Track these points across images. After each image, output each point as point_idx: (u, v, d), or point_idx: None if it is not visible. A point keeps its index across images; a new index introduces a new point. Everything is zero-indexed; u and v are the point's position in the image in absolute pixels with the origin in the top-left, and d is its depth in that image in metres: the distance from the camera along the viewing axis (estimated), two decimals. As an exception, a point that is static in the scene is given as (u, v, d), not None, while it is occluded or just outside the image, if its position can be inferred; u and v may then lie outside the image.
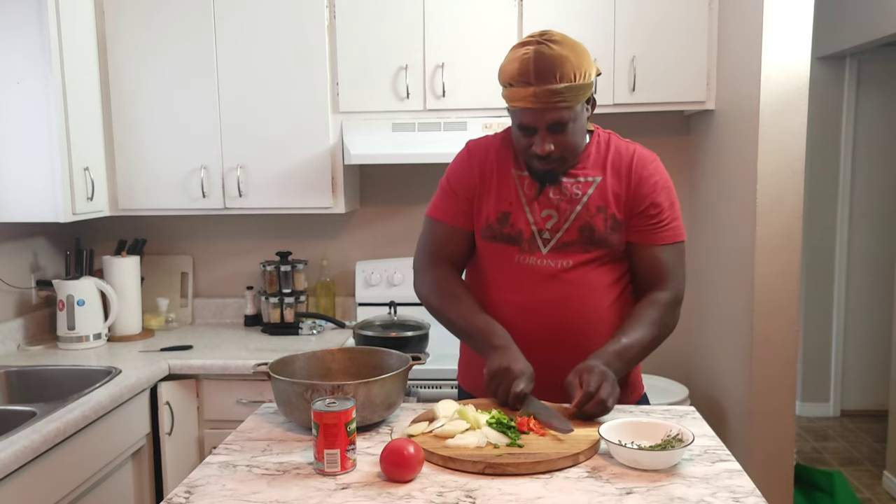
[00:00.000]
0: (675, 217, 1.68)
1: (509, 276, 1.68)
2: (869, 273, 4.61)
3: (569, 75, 1.53)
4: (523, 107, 1.56)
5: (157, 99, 2.77)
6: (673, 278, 1.68)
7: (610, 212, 1.64)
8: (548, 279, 1.65)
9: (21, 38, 2.44)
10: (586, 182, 1.66)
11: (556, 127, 1.57)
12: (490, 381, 1.56)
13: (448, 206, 1.74)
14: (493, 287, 1.71)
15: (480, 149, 1.76)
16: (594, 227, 1.64)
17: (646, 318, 1.64)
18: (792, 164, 2.44)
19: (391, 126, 2.69)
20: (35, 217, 2.54)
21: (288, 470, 1.35)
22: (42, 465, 1.83)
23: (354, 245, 3.15)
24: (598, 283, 1.66)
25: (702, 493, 1.23)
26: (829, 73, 4.46)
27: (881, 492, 3.61)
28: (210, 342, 2.80)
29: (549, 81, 1.53)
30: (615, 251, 1.66)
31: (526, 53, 1.55)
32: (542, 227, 1.66)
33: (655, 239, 1.66)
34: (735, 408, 2.67)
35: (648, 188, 1.65)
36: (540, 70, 1.53)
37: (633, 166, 1.66)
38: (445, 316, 1.72)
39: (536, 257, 1.66)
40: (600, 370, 1.49)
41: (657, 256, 1.67)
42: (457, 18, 2.68)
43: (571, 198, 1.65)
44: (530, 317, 1.66)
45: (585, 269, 1.65)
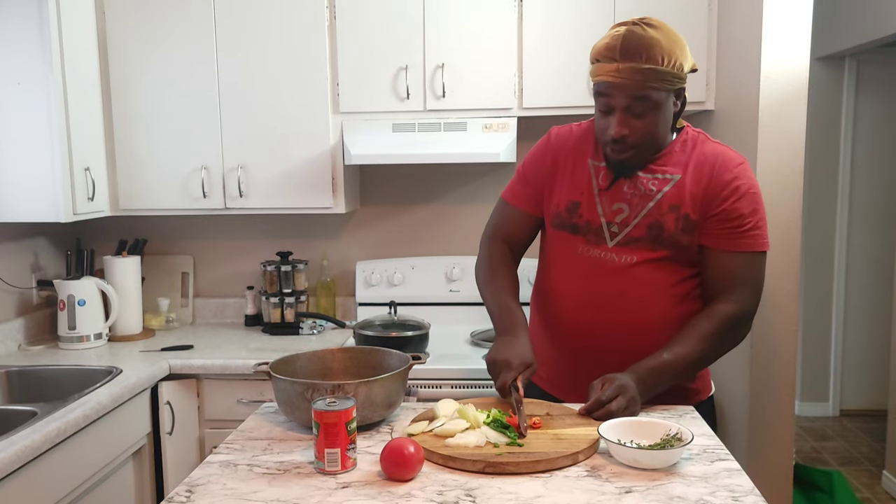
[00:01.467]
0: (756, 226, 1.60)
1: (572, 266, 1.67)
2: (868, 273, 4.61)
3: (656, 58, 1.52)
4: (604, 80, 1.55)
5: (158, 99, 2.77)
6: (740, 290, 1.61)
7: (683, 212, 1.60)
8: (609, 273, 1.63)
9: (21, 38, 2.44)
10: (664, 179, 1.62)
11: (634, 108, 1.54)
12: (491, 366, 1.62)
13: (518, 189, 1.79)
14: (555, 275, 1.71)
15: (561, 136, 1.76)
16: (663, 226, 1.60)
17: (697, 332, 1.59)
18: (791, 164, 2.44)
19: (391, 126, 2.69)
20: (36, 217, 2.55)
21: (289, 469, 1.36)
22: (43, 464, 1.83)
23: (354, 245, 3.16)
24: (661, 283, 1.62)
25: (701, 493, 1.23)
26: (829, 73, 4.46)
27: (880, 491, 3.61)
28: (211, 342, 2.80)
29: (634, 60, 1.51)
30: (684, 253, 1.62)
31: (618, 31, 1.55)
32: (611, 219, 1.64)
33: (728, 245, 1.60)
34: (734, 407, 2.68)
35: (728, 191, 1.59)
36: (627, 47, 1.52)
37: (715, 167, 1.61)
38: (481, 290, 1.80)
39: (601, 250, 1.64)
40: (621, 384, 1.50)
41: (727, 264, 1.60)
42: (457, 18, 2.68)
43: (646, 193, 1.62)
44: (587, 309, 1.65)
45: (649, 267, 1.62)
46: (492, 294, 1.75)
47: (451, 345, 2.71)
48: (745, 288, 1.62)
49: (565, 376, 1.73)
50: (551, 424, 1.48)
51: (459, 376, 2.42)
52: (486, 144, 2.61)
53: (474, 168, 3.07)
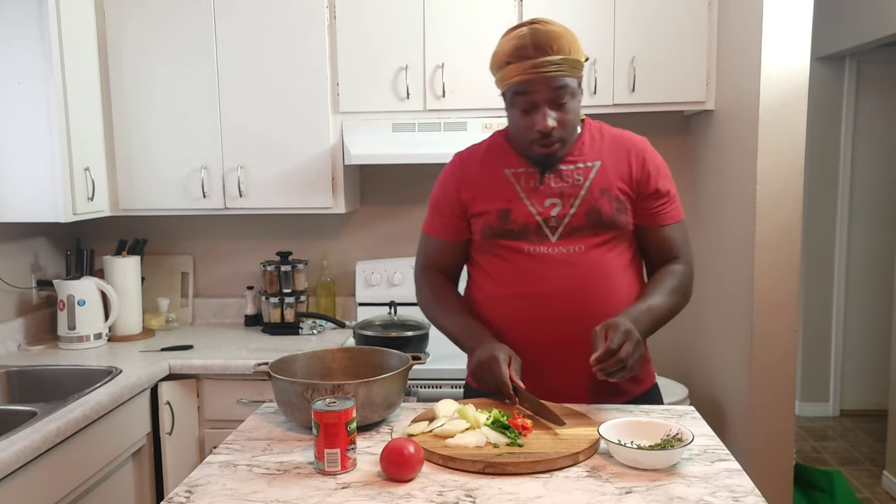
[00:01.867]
0: (676, 196, 1.74)
1: (520, 269, 1.68)
2: (868, 272, 4.61)
3: (565, 49, 1.58)
4: (522, 79, 1.58)
5: (158, 99, 2.77)
6: (684, 252, 1.74)
7: (613, 194, 1.66)
8: (561, 266, 1.65)
9: (21, 37, 2.45)
10: (586, 167, 1.68)
11: (556, 100, 1.59)
12: (477, 369, 1.61)
13: (433, 220, 1.83)
14: (503, 283, 1.70)
15: (463, 160, 1.80)
16: (601, 210, 1.65)
17: (666, 284, 1.68)
18: (791, 164, 2.44)
19: (391, 126, 2.69)
20: (36, 217, 2.54)
21: (288, 469, 1.35)
22: (42, 464, 1.83)
23: (354, 245, 3.16)
24: (613, 266, 1.67)
25: (701, 493, 1.23)
26: (829, 73, 4.46)
27: (880, 491, 3.61)
28: (210, 342, 2.80)
29: (546, 53, 1.57)
30: (624, 232, 1.69)
31: (521, 32, 1.60)
32: (547, 215, 1.66)
33: (664, 219, 1.71)
34: (734, 407, 2.68)
35: (653, 171, 1.69)
36: (537, 42, 1.57)
37: (634, 151, 1.70)
38: (433, 320, 1.83)
39: (546, 246, 1.66)
40: (626, 328, 1.49)
41: (667, 235, 1.72)
42: (457, 18, 2.68)
43: (574, 183, 1.67)
44: (546, 305, 1.65)
45: (598, 251, 1.66)
46: (445, 318, 1.77)
47: (451, 345, 2.69)
48: (687, 250, 1.75)
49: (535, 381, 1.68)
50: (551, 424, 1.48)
51: (459, 376, 2.41)
52: (486, 144, 2.61)
53: (474, 168, 3.06)
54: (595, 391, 1.67)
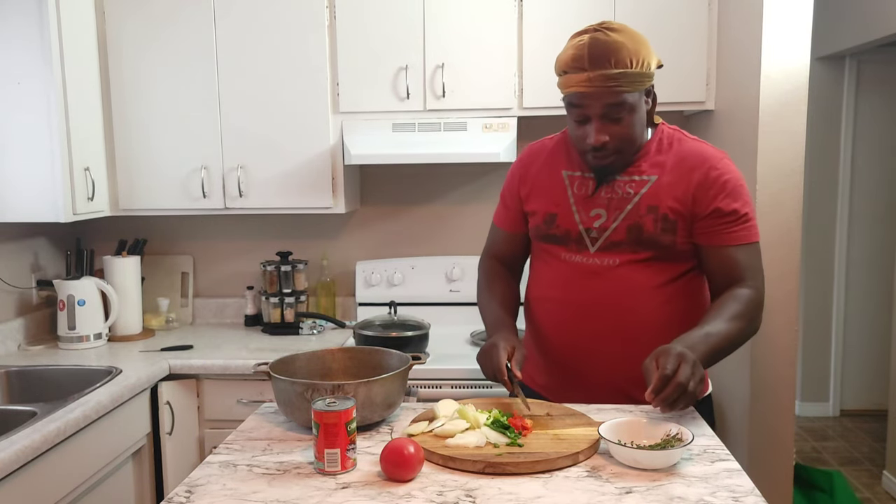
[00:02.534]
0: (749, 217, 1.62)
1: (557, 273, 1.69)
2: (868, 273, 4.61)
3: (624, 61, 1.52)
4: (576, 91, 1.54)
5: (158, 99, 2.77)
6: (752, 277, 1.61)
7: (662, 212, 1.60)
8: (592, 277, 1.64)
9: (21, 38, 2.44)
10: (640, 181, 1.63)
11: (610, 114, 1.55)
12: (480, 356, 1.64)
13: (501, 211, 1.86)
14: (542, 284, 1.74)
15: (532, 153, 1.79)
16: (643, 227, 1.60)
17: (727, 310, 1.56)
18: (791, 164, 2.44)
19: (391, 126, 2.69)
20: (36, 217, 2.54)
21: (288, 469, 1.35)
22: (42, 464, 1.83)
23: (354, 245, 3.16)
24: (646, 284, 1.62)
25: (701, 493, 1.23)
26: (829, 73, 4.46)
27: (880, 491, 3.61)
28: (210, 342, 2.80)
29: (603, 66, 1.51)
30: (667, 252, 1.62)
31: (581, 40, 1.54)
32: (589, 226, 1.65)
33: (727, 239, 1.60)
34: (735, 408, 2.67)
35: (716, 189, 1.59)
36: (594, 55, 1.51)
37: (699, 167, 1.61)
38: (480, 307, 1.84)
39: (583, 256, 1.66)
40: (678, 352, 1.39)
41: (731, 257, 1.60)
42: (457, 18, 2.68)
43: (623, 197, 1.63)
44: (573, 314, 1.66)
45: (632, 268, 1.62)
46: (485, 306, 1.81)
47: (451, 345, 2.71)
48: (756, 274, 1.62)
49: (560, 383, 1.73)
50: (551, 425, 1.48)
51: (459, 376, 2.42)
52: (486, 144, 2.61)
53: (474, 168, 3.07)
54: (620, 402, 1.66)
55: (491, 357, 1.59)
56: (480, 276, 1.89)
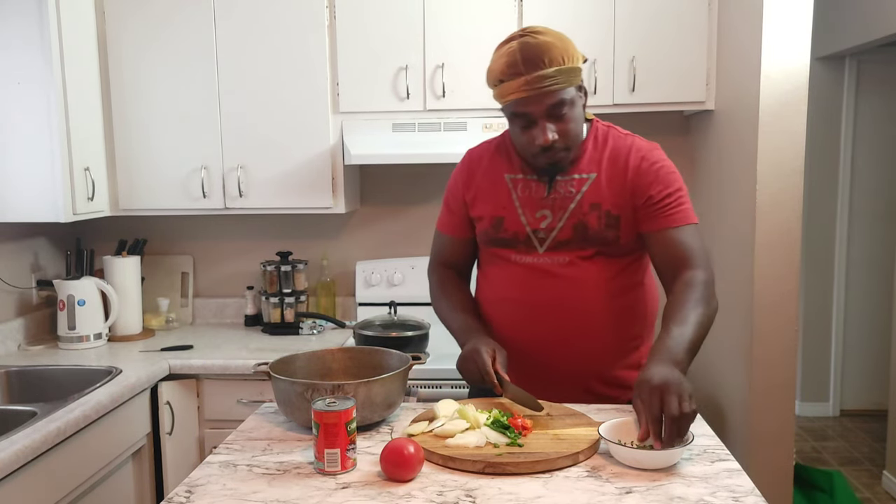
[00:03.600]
0: (684, 199, 1.64)
1: (509, 275, 1.70)
2: (868, 272, 4.61)
3: (557, 59, 1.55)
4: (517, 97, 1.57)
5: (158, 99, 2.77)
6: (698, 256, 1.61)
7: (605, 209, 1.64)
8: (545, 277, 1.66)
9: (21, 38, 2.44)
10: (581, 179, 1.66)
11: (554, 112, 1.57)
12: (461, 363, 1.63)
13: (445, 218, 1.86)
14: (495, 286, 1.74)
15: (473, 159, 1.81)
16: (588, 225, 1.64)
17: (687, 300, 1.53)
18: (791, 164, 2.44)
19: (391, 126, 2.69)
20: (36, 217, 2.54)
21: (288, 469, 1.35)
22: (42, 464, 1.83)
23: (354, 245, 3.16)
24: (596, 280, 1.65)
25: (701, 493, 1.23)
26: (829, 73, 4.46)
27: (880, 491, 3.61)
28: (210, 342, 2.80)
29: (538, 67, 1.54)
30: (612, 247, 1.65)
31: (511, 47, 1.58)
32: (536, 227, 1.67)
33: (668, 222, 1.62)
34: (735, 407, 2.68)
35: (651, 177, 1.63)
36: (528, 58, 1.54)
37: (632, 159, 1.65)
38: (440, 317, 1.84)
39: (533, 256, 1.68)
40: (655, 384, 1.33)
41: (675, 238, 1.61)
42: (457, 18, 2.68)
43: (566, 196, 1.66)
44: (529, 314, 1.67)
45: (582, 265, 1.65)
46: (448, 314, 1.80)
47: (451, 345, 2.67)
48: (702, 254, 1.62)
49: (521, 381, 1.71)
50: (551, 425, 1.48)
51: (459, 376, 2.40)
52: (486, 144, 2.61)
53: (474, 168, 3.06)
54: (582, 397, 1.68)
55: (475, 361, 1.59)
56: (433, 285, 1.87)
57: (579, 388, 1.69)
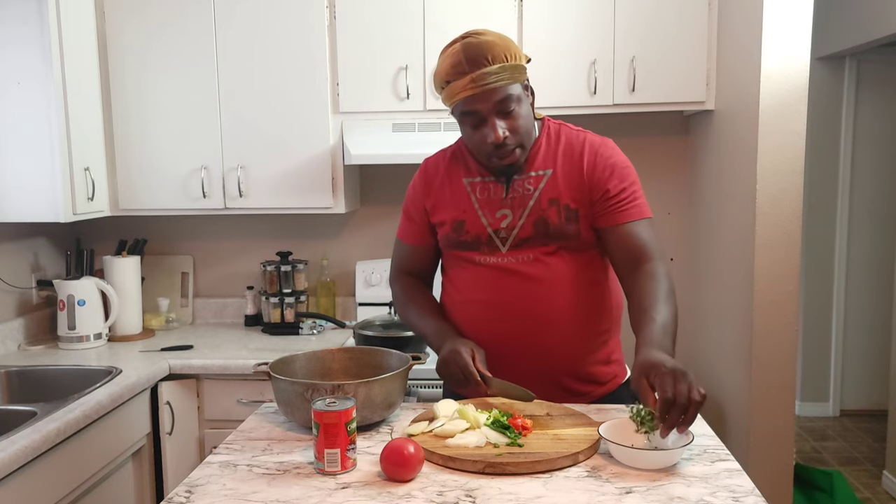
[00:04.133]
0: (639, 195, 1.66)
1: (474, 276, 1.71)
2: (868, 273, 4.61)
3: (500, 56, 1.56)
4: (464, 96, 1.58)
5: (158, 99, 2.77)
6: (655, 251, 1.63)
7: (563, 203, 1.65)
8: (509, 275, 1.67)
9: (21, 38, 2.45)
10: (537, 176, 1.67)
11: (502, 108, 1.58)
12: (442, 366, 1.63)
13: (406, 227, 1.86)
14: (460, 289, 1.75)
15: (430, 166, 1.82)
16: (548, 221, 1.65)
17: (658, 292, 1.55)
18: (791, 164, 2.44)
19: (391, 126, 2.69)
20: (36, 217, 2.55)
21: (288, 469, 1.35)
22: (42, 464, 1.83)
23: (354, 245, 3.16)
24: (561, 274, 1.66)
25: (701, 493, 1.23)
26: (829, 73, 4.46)
27: (881, 491, 3.61)
28: (210, 342, 2.80)
29: (482, 65, 1.56)
30: (573, 242, 1.66)
31: (454, 48, 1.60)
32: (497, 227, 1.68)
33: (623, 217, 1.63)
34: (735, 407, 2.68)
35: (606, 172, 1.65)
36: (471, 57, 1.56)
37: (586, 154, 1.67)
38: (409, 324, 1.84)
39: (497, 257, 1.69)
40: (668, 368, 1.32)
41: (631, 233, 1.63)
42: (457, 18, 2.68)
43: (524, 194, 1.67)
44: (496, 313, 1.68)
45: (547, 261, 1.66)
46: (417, 320, 1.80)
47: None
48: (658, 248, 1.64)
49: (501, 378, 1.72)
50: (551, 425, 1.48)
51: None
52: (486, 144, 2.61)
53: (474, 168, 3.06)
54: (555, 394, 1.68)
55: (456, 363, 1.59)
56: (398, 293, 1.87)
57: (551, 384, 1.69)
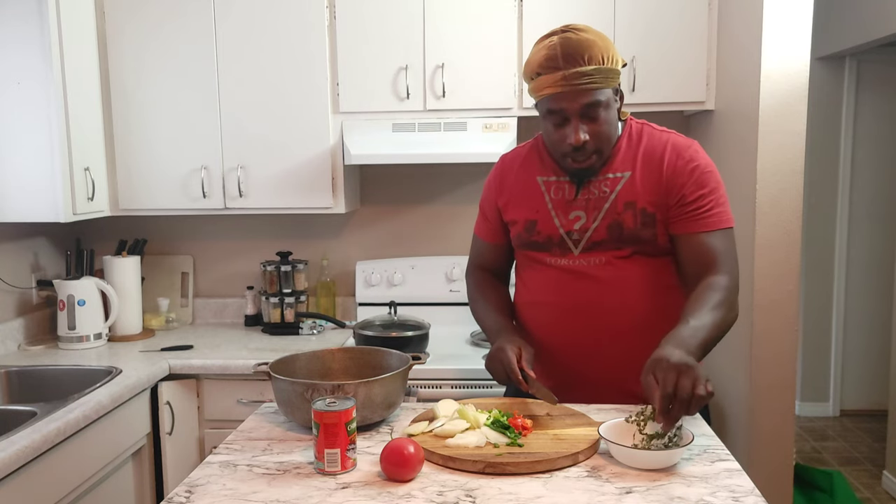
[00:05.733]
0: (720, 202, 1.61)
1: (545, 278, 1.70)
2: (868, 273, 4.61)
3: (597, 58, 1.53)
4: (553, 92, 1.55)
5: (158, 99, 2.77)
6: (726, 264, 1.58)
7: (640, 207, 1.61)
8: (581, 278, 1.65)
9: (21, 38, 2.44)
10: (615, 178, 1.64)
11: (589, 112, 1.55)
12: (489, 361, 1.63)
13: (481, 223, 1.86)
14: (532, 289, 1.74)
15: (506, 163, 1.80)
16: (623, 225, 1.61)
17: (708, 300, 1.51)
18: (791, 164, 2.44)
19: (391, 126, 2.69)
20: (36, 217, 2.54)
21: (288, 469, 1.35)
22: (42, 464, 1.83)
23: (354, 245, 3.16)
24: (633, 279, 1.63)
25: (701, 493, 1.23)
26: (829, 73, 4.46)
27: (880, 491, 3.61)
28: (210, 342, 2.80)
29: (577, 64, 1.52)
30: (648, 246, 1.62)
31: (552, 41, 1.55)
32: (570, 228, 1.65)
33: (699, 226, 1.59)
34: (735, 408, 2.68)
35: (685, 177, 1.59)
36: (568, 53, 1.52)
37: (667, 157, 1.61)
38: (476, 318, 1.84)
39: (569, 259, 1.66)
40: (674, 361, 1.33)
41: (703, 243, 1.58)
42: (457, 18, 2.68)
43: (600, 196, 1.63)
44: (566, 316, 1.66)
45: (618, 265, 1.63)
46: (483, 315, 1.80)
47: (451, 345, 2.71)
48: (729, 261, 1.60)
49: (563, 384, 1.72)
50: (551, 425, 1.48)
51: (459, 376, 2.42)
52: (487, 144, 2.61)
53: (474, 168, 3.06)
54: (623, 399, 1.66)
55: (501, 360, 1.58)
56: (471, 287, 1.89)
57: (616, 390, 1.67)
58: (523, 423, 1.44)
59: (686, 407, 1.30)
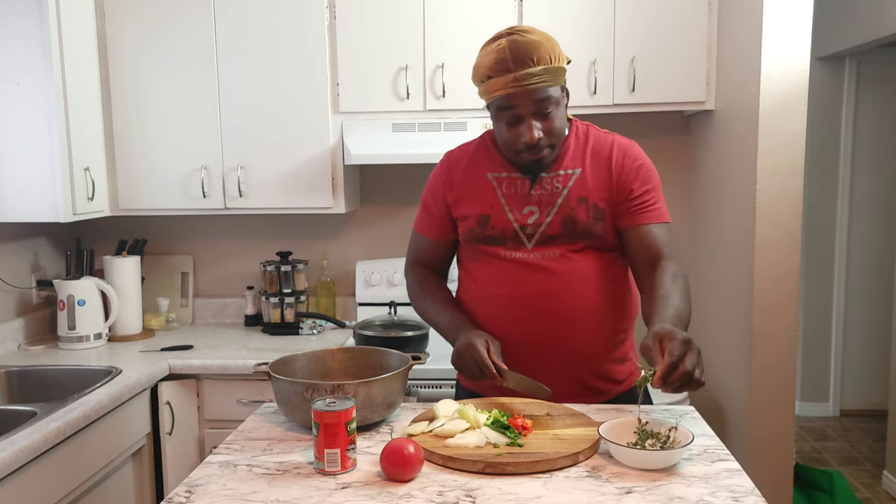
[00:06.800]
0: (660, 199, 1.70)
1: (498, 271, 1.71)
2: (868, 273, 4.61)
3: (545, 58, 1.57)
4: (505, 93, 1.58)
5: (158, 99, 2.77)
6: (673, 252, 1.66)
7: (592, 202, 1.66)
8: (535, 271, 1.67)
9: (21, 38, 2.45)
10: (566, 175, 1.68)
11: (540, 111, 1.59)
12: (456, 358, 1.64)
13: (424, 219, 1.87)
14: (484, 283, 1.74)
15: (453, 160, 1.82)
16: (576, 219, 1.66)
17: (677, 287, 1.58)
18: (791, 164, 2.44)
19: (391, 126, 2.69)
20: (36, 217, 2.54)
21: (288, 469, 1.35)
22: (42, 464, 1.83)
23: (354, 245, 3.16)
24: (586, 272, 1.67)
25: (701, 493, 1.23)
26: (829, 73, 4.46)
27: (880, 491, 3.61)
28: (210, 342, 2.80)
29: (527, 65, 1.56)
30: (600, 241, 1.67)
31: (500, 44, 1.59)
32: (523, 223, 1.68)
33: (645, 219, 1.67)
34: (734, 407, 2.68)
35: (633, 174, 1.67)
36: (517, 55, 1.56)
37: (615, 155, 1.69)
38: (424, 316, 1.86)
39: (522, 252, 1.69)
40: (684, 338, 1.35)
41: (651, 233, 1.66)
42: (457, 18, 2.68)
43: (552, 192, 1.67)
44: (521, 309, 1.68)
45: (573, 258, 1.67)
46: (433, 312, 1.81)
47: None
48: (675, 249, 1.68)
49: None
50: (551, 425, 1.48)
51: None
52: (486, 144, 2.61)
53: (474, 168, 3.06)
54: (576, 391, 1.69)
55: (471, 355, 1.59)
56: (412, 285, 1.90)
57: (572, 381, 1.70)
58: (523, 423, 1.44)
59: (686, 380, 1.32)
